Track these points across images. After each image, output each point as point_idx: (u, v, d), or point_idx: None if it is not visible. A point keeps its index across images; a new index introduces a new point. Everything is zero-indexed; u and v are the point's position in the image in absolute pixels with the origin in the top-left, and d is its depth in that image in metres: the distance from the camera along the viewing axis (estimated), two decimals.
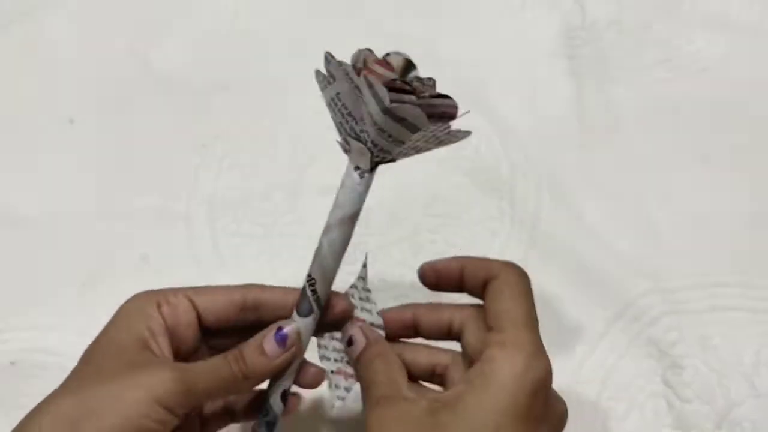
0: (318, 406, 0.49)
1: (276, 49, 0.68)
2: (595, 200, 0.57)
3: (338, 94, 0.32)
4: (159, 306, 0.37)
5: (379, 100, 0.31)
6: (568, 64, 0.65)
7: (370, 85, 0.31)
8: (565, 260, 0.54)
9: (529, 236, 0.56)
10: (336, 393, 0.38)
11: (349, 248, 0.38)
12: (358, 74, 0.31)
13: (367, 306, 0.39)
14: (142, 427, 0.32)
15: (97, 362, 0.35)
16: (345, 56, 0.33)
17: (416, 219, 0.57)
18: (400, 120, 0.31)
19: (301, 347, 0.37)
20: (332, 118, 0.34)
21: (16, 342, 0.53)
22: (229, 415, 0.41)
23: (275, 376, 0.38)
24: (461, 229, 0.56)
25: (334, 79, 0.32)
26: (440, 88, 0.34)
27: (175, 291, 0.38)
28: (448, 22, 0.69)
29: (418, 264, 0.54)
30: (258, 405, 0.39)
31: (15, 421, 0.33)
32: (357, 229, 0.56)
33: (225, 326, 0.38)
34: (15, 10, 0.72)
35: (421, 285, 0.53)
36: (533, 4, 0.69)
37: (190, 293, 0.38)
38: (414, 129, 0.32)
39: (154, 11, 0.71)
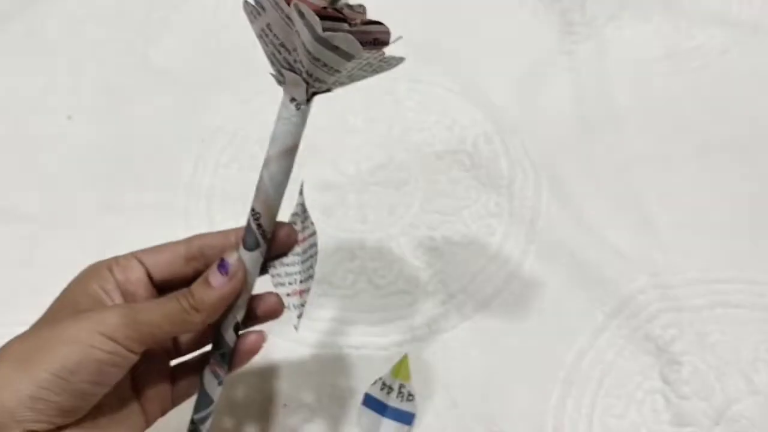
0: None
1: None
2: (595, 196, 0.57)
3: (268, 24, 0.32)
4: (110, 268, 0.38)
5: (311, 29, 0.30)
6: (568, 60, 0.65)
7: (302, 14, 0.30)
8: (563, 256, 0.54)
9: (527, 232, 0.56)
10: (295, 312, 0.38)
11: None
12: (288, 3, 0.30)
13: (306, 224, 0.39)
14: (90, 355, 0.33)
15: (48, 316, 0.37)
16: None
17: (414, 214, 0.57)
18: (334, 48, 0.31)
19: (245, 275, 0.37)
20: (264, 50, 0.33)
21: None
22: (196, 372, 0.41)
23: (226, 309, 0.38)
24: (460, 225, 0.56)
25: (264, 10, 0.31)
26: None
27: (124, 255, 0.39)
28: (447, 17, 0.69)
29: (416, 259, 0.55)
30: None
31: None
32: (354, 225, 0.56)
33: (176, 281, 0.39)
34: (14, 6, 0.72)
35: (420, 281, 0.54)
36: None
37: (137, 254, 0.39)
38: (348, 57, 0.31)
39: (152, 7, 0.71)
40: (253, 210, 0.37)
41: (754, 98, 0.62)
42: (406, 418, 0.47)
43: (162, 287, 0.40)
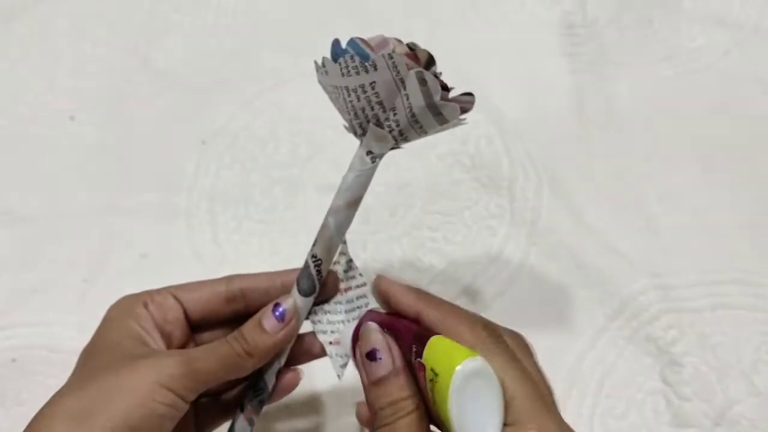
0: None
1: (274, 44, 0.68)
2: (595, 197, 0.57)
3: (373, 83, 0.33)
4: (146, 305, 0.37)
5: (427, 96, 0.32)
6: (569, 61, 0.65)
7: (423, 81, 0.32)
8: (564, 257, 0.54)
9: (528, 233, 0.56)
10: (338, 362, 0.38)
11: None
12: (408, 68, 0.32)
13: (351, 274, 0.39)
14: (152, 410, 0.32)
15: (95, 360, 0.35)
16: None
17: (416, 215, 0.57)
18: (438, 114, 0.33)
19: (300, 323, 0.37)
20: (346, 102, 0.34)
21: (18, 339, 0.53)
22: (224, 409, 0.41)
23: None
24: (461, 226, 0.56)
25: (375, 69, 0.32)
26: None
27: (159, 290, 0.38)
28: (448, 18, 0.69)
29: (419, 260, 0.55)
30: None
31: (16, 417, 0.33)
32: (357, 226, 0.56)
33: (212, 320, 0.39)
34: (15, 7, 0.72)
35: (422, 282, 0.54)
36: (534, 1, 0.69)
37: (174, 290, 0.38)
38: (444, 122, 0.33)
39: (153, 8, 0.72)
40: (314, 256, 0.37)
41: (755, 99, 0.62)
42: None
43: (197, 326, 0.39)
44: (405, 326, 0.34)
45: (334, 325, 0.39)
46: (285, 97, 0.65)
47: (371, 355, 0.33)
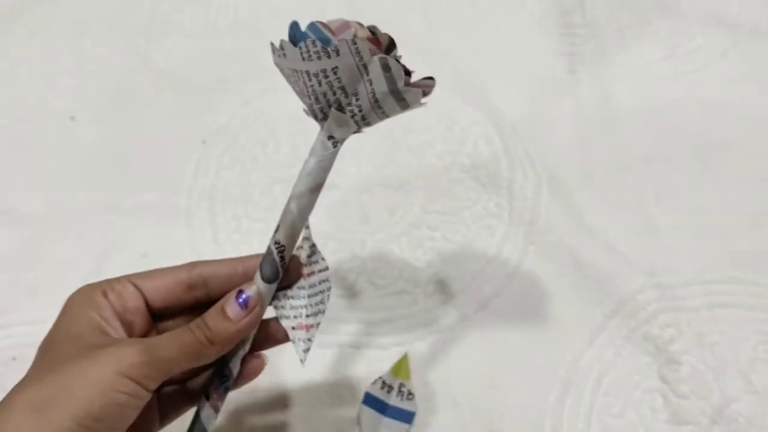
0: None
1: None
2: (594, 196, 0.57)
3: (335, 68, 0.33)
4: (105, 294, 0.36)
5: (391, 82, 0.32)
6: (568, 61, 0.65)
7: (387, 68, 0.32)
8: (563, 256, 0.54)
9: (527, 232, 0.56)
10: (301, 347, 0.38)
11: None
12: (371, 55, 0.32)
13: (314, 258, 0.39)
14: (113, 400, 0.32)
15: (55, 352, 0.34)
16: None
17: (416, 215, 0.57)
18: (401, 99, 0.33)
19: (263, 309, 0.37)
20: (306, 86, 0.34)
21: (18, 337, 0.53)
22: (187, 397, 0.40)
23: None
24: (460, 226, 0.56)
25: (338, 54, 0.32)
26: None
27: (118, 278, 0.38)
28: (447, 18, 0.69)
29: (417, 260, 0.55)
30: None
31: None
32: (356, 226, 0.57)
33: (174, 308, 0.38)
34: (16, 7, 0.72)
35: (421, 281, 0.54)
36: (533, 0, 0.69)
37: (133, 278, 0.38)
38: (407, 107, 0.33)
39: (153, 8, 0.72)
40: (277, 242, 0.36)
41: (753, 100, 0.62)
42: (407, 417, 0.48)
43: (158, 314, 0.38)
44: None
45: (296, 310, 0.39)
46: (285, 97, 0.64)
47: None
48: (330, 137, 0.35)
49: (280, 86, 0.65)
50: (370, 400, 0.48)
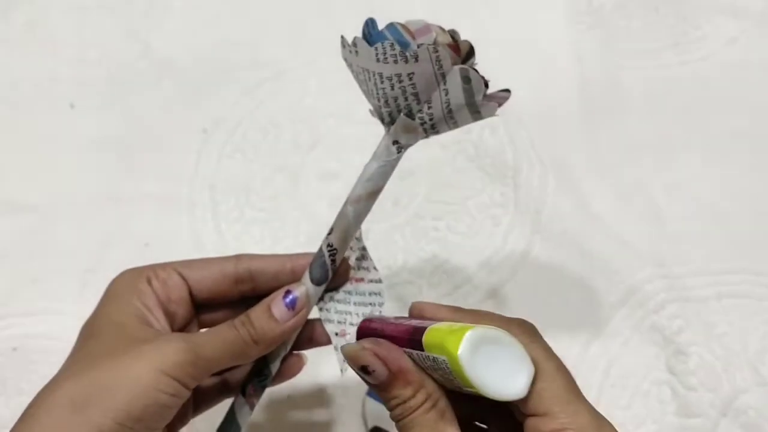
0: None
1: (276, 32, 0.67)
2: (601, 186, 0.57)
3: (411, 74, 0.31)
4: (149, 281, 0.36)
5: (469, 94, 0.31)
6: (574, 49, 0.65)
7: (467, 80, 0.30)
8: (569, 246, 0.54)
9: (533, 222, 0.55)
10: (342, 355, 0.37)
11: None
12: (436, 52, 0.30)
13: (364, 264, 0.38)
14: (154, 400, 0.31)
15: (97, 341, 0.33)
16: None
17: (420, 204, 0.57)
18: (475, 112, 0.32)
19: (309, 311, 0.36)
20: (376, 88, 0.32)
21: (19, 328, 0.52)
22: (222, 389, 0.40)
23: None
24: (465, 216, 0.56)
25: (416, 60, 0.30)
26: None
27: (164, 265, 0.37)
28: (452, 5, 0.68)
29: (421, 250, 0.54)
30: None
31: (17, 407, 0.32)
32: None
33: (218, 300, 0.38)
34: None
35: (425, 272, 0.53)
36: None
37: (179, 267, 0.37)
38: (480, 119, 0.32)
39: None
40: (330, 245, 0.36)
41: (761, 88, 0.61)
42: None
43: (201, 305, 0.38)
44: (402, 329, 0.33)
45: (341, 315, 0.38)
46: (287, 86, 0.64)
47: (364, 370, 0.32)
48: (395, 142, 0.34)
49: (281, 75, 0.65)
50: (374, 392, 0.48)
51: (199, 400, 0.39)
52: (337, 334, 0.37)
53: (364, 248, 0.38)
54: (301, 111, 0.62)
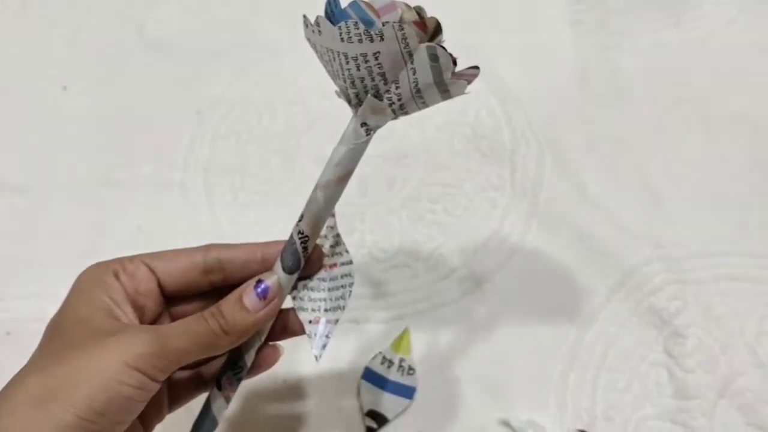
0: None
1: (271, 13, 0.67)
2: (598, 168, 0.56)
3: (377, 53, 0.30)
4: (116, 275, 0.35)
5: (437, 73, 0.30)
6: (572, 29, 0.64)
7: (435, 57, 0.30)
8: (566, 228, 0.53)
9: (530, 204, 0.55)
10: (318, 342, 0.36)
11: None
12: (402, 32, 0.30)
13: (337, 250, 0.38)
14: (117, 393, 0.30)
15: (62, 336, 0.33)
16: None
17: (415, 187, 0.56)
18: (444, 91, 0.31)
19: (282, 301, 0.35)
20: (342, 69, 0.31)
21: (13, 312, 0.52)
22: (198, 383, 0.39)
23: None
24: (461, 198, 0.55)
25: (382, 39, 0.29)
26: None
27: (131, 258, 0.36)
28: None
29: (417, 233, 0.54)
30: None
31: None
32: (354, 199, 0.56)
33: (188, 292, 0.37)
34: None
35: (422, 255, 0.53)
36: None
37: (147, 259, 0.36)
38: (449, 97, 0.31)
39: None
40: (301, 232, 0.35)
41: (760, 69, 0.61)
42: (407, 392, 0.47)
43: (171, 297, 0.37)
44: None
45: (315, 302, 0.37)
46: (281, 67, 0.63)
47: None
48: (363, 124, 0.33)
49: (276, 56, 0.64)
50: (369, 375, 0.48)
51: (174, 395, 0.38)
52: (310, 321, 0.37)
53: (338, 235, 0.38)
54: (296, 93, 0.62)
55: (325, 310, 0.37)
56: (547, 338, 0.49)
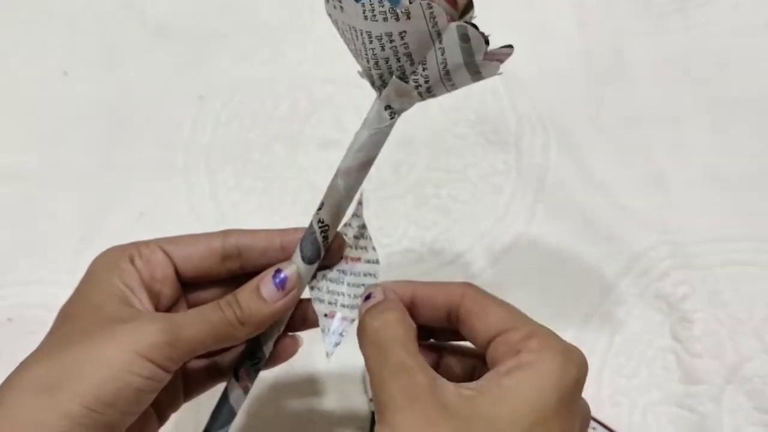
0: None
1: None
2: (604, 152, 0.56)
3: (403, 32, 0.28)
4: (132, 260, 0.34)
5: (468, 53, 0.28)
6: (577, 13, 0.63)
7: (466, 38, 0.28)
8: (572, 214, 0.53)
9: (535, 190, 0.54)
10: (331, 339, 0.35)
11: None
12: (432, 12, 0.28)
13: (362, 243, 0.36)
14: (127, 383, 0.29)
15: (72, 322, 0.32)
16: None
17: (420, 173, 0.56)
18: (476, 72, 0.29)
19: (300, 292, 0.35)
20: (365, 48, 0.30)
21: (13, 298, 0.52)
22: (213, 373, 0.38)
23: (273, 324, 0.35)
24: (466, 183, 0.55)
25: (408, 18, 0.28)
26: None
27: (147, 243, 0.35)
28: None
29: (422, 218, 0.54)
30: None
31: None
32: None
33: (205, 278, 0.36)
34: None
35: (426, 240, 0.53)
36: None
37: (164, 244, 0.35)
38: (480, 79, 0.30)
39: None
40: (321, 221, 0.33)
41: (765, 53, 0.60)
42: None
43: (188, 283, 0.36)
44: None
45: (333, 295, 0.36)
46: (284, 52, 0.63)
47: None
48: (387, 107, 0.31)
49: (279, 41, 0.64)
50: None
51: (189, 384, 0.37)
52: (326, 315, 0.36)
53: (363, 226, 0.36)
54: (299, 77, 0.61)
55: (342, 306, 0.36)
56: (552, 323, 0.48)
